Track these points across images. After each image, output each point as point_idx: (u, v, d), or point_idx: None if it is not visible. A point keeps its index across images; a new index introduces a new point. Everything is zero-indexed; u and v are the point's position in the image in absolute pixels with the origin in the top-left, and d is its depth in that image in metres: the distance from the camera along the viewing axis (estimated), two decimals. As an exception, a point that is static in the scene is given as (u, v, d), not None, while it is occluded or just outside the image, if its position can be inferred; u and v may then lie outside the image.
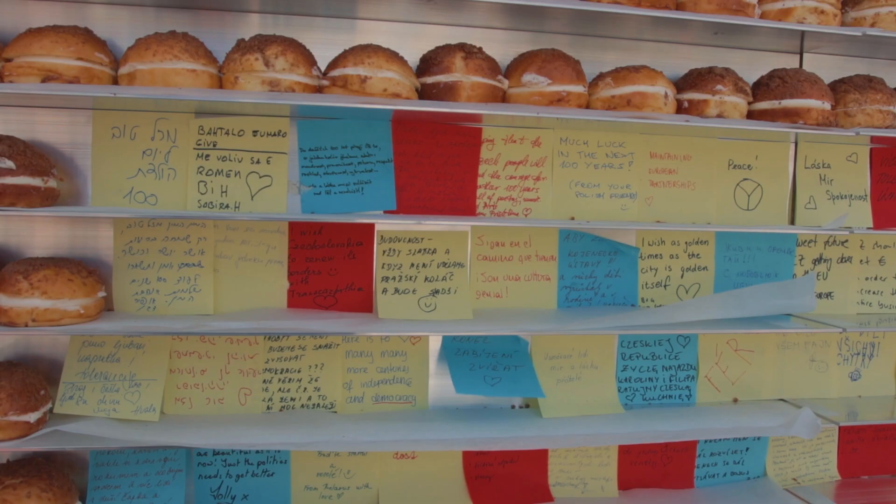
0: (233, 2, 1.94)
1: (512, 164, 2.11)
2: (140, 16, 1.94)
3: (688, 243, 2.23)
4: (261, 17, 2.01)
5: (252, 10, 1.99)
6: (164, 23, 1.94)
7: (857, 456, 2.42)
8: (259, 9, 1.99)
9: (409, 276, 2.05)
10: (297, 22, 2.02)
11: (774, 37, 2.16)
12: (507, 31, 2.12)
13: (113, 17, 1.93)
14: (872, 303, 2.39)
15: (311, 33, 2.01)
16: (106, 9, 1.93)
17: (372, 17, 2.05)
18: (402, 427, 2.00)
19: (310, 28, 2.02)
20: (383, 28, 2.05)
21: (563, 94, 1.91)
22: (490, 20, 2.05)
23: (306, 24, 2.02)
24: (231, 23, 1.99)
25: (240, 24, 1.99)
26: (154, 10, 1.95)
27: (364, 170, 2.03)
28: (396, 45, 1.97)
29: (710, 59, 2.25)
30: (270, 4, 1.96)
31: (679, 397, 2.27)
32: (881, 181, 2.35)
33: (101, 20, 1.91)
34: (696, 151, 2.22)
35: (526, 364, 2.13)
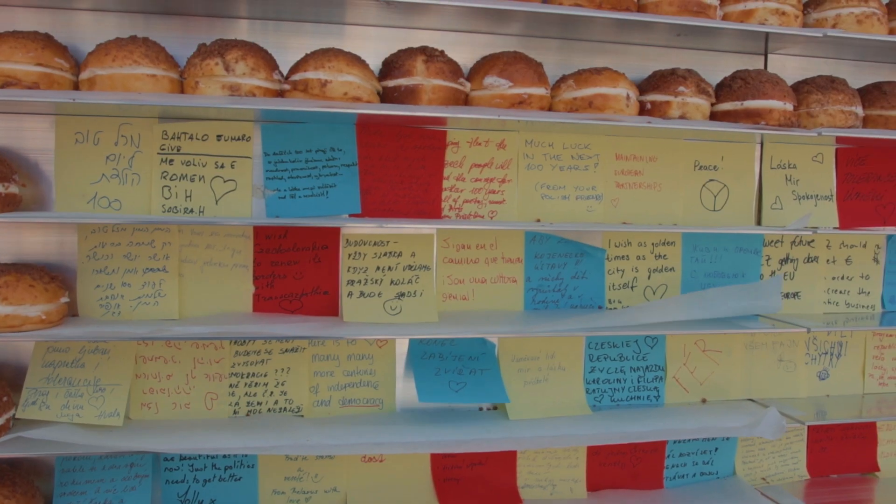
0: (222, 8, 1.95)
1: (477, 166, 2.12)
2: (129, 22, 1.95)
3: (654, 244, 2.24)
4: (249, 22, 2.02)
5: (241, 16, 2.00)
6: (152, 29, 1.95)
7: (826, 455, 2.43)
8: (248, 15, 2.00)
9: (375, 280, 2.05)
10: (287, 28, 2.03)
11: (739, 38, 2.17)
12: (487, 34, 2.14)
13: (101, 24, 1.94)
14: (839, 302, 2.40)
15: (301, 39, 2.02)
16: (93, 16, 1.94)
17: (360, 23, 2.06)
18: (369, 430, 2.00)
19: (299, 34, 2.03)
20: (372, 33, 2.07)
21: (525, 97, 1.92)
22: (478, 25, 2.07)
23: (295, 30, 2.04)
24: (220, 29, 2.00)
25: (229, 31, 2.00)
26: (143, 16, 1.96)
27: (329, 173, 2.04)
28: (385, 50, 1.99)
29: (677, 60, 2.26)
30: (259, 10, 1.97)
31: (647, 398, 2.27)
32: (847, 181, 2.37)
33: (89, 27, 1.93)
34: (661, 153, 2.22)
35: (492, 367, 2.13)
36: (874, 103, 2.20)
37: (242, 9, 1.95)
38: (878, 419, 2.40)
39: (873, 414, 2.34)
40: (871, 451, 2.47)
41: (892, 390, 2.48)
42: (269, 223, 1.95)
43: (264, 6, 1.93)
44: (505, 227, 2.08)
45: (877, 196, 2.39)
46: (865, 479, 2.45)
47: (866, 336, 2.44)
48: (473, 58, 2.07)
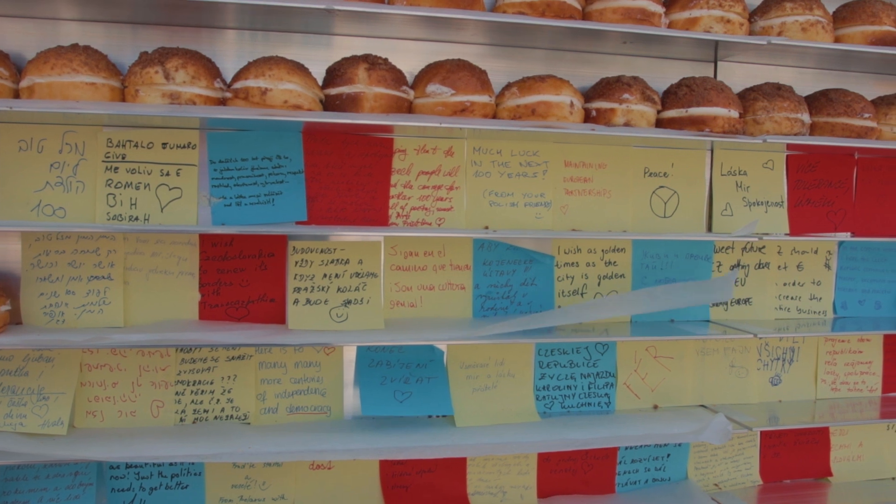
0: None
1: (425, 173, 2.12)
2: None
3: (604, 251, 2.25)
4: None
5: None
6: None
7: (779, 460, 2.44)
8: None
9: (322, 287, 2.05)
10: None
11: (688, 46, 2.18)
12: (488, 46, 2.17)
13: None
14: (791, 308, 2.41)
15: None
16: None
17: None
18: (316, 437, 2.00)
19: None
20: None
21: (468, 104, 1.92)
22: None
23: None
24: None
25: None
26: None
27: (275, 181, 2.04)
28: None
29: (630, 68, 2.27)
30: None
31: (598, 405, 2.28)
32: (798, 188, 2.38)
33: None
34: (611, 160, 2.23)
35: (440, 375, 2.13)
36: (821, 110, 2.21)
37: (230, 19, 1.96)
38: (830, 424, 2.40)
39: (826, 419, 2.34)
40: (824, 456, 2.48)
41: (845, 395, 2.49)
42: (214, 231, 1.94)
43: (252, 17, 1.93)
44: (453, 234, 2.09)
45: (828, 202, 2.40)
46: (818, 485, 2.46)
47: (818, 342, 2.44)
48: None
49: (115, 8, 1.86)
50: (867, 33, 2.17)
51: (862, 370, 2.49)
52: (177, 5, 1.80)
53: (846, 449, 2.50)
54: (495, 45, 2.17)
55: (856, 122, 2.18)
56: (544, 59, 2.22)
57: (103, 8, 1.86)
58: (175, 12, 1.90)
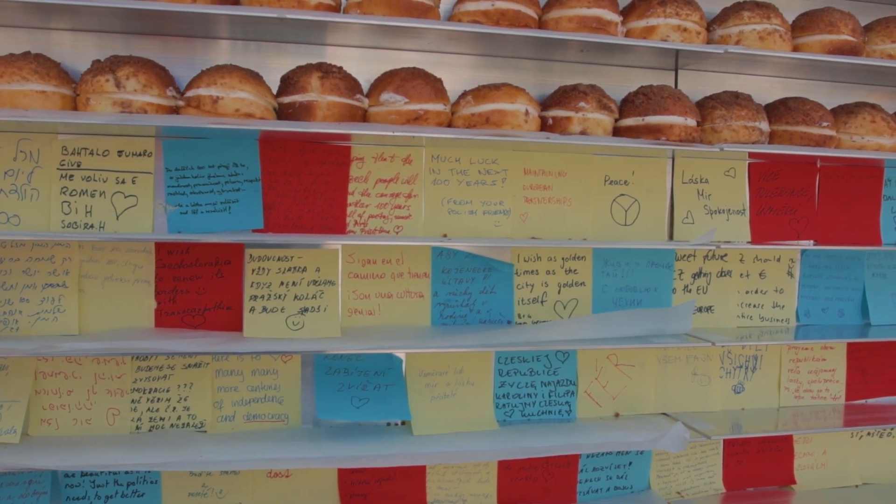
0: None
1: (382, 181, 2.12)
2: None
3: (564, 259, 2.25)
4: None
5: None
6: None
7: (742, 468, 2.44)
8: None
9: (279, 295, 2.05)
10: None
11: (649, 54, 2.18)
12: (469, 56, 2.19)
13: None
14: (753, 316, 2.41)
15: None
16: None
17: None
18: (273, 445, 2.00)
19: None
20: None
21: (421, 113, 1.92)
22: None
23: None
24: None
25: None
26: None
27: (231, 189, 2.04)
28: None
29: (592, 76, 2.27)
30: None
31: (559, 413, 2.27)
32: (760, 196, 2.38)
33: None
34: (571, 167, 2.23)
35: (398, 382, 2.13)
36: (780, 119, 2.21)
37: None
38: (791, 432, 2.40)
39: (789, 427, 2.34)
40: (788, 464, 2.48)
41: (808, 403, 2.49)
42: (170, 239, 1.94)
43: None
44: (410, 242, 2.09)
45: (790, 210, 2.40)
46: (782, 493, 2.45)
47: (781, 349, 2.44)
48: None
49: (105, 18, 1.86)
50: (825, 42, 2.18)
51: (825, 378, 2.49)
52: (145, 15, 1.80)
53: (810, 457, 2.49)
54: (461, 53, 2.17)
55: (814, 131, 2.18)
56: (505, 68, 2.22)
57: (94, 18, 1.87)
58: (165, 23, 1.90)
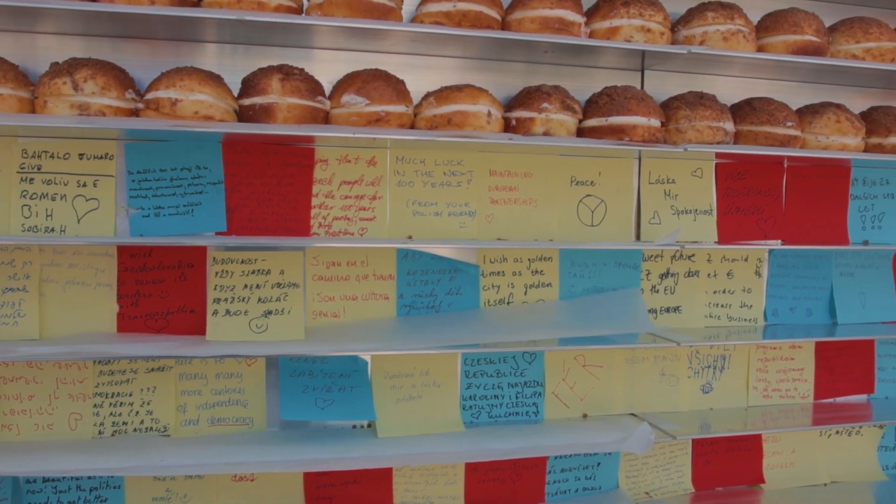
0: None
1: (347, 183, 2.11)
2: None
3: (531, 260, 2.25)
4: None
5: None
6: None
7: (711, 468, 2.44)
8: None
9: (242, 298, 2.04)
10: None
11: (616, 55, 2.18)
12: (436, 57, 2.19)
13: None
14: (721, 316, 2.42)
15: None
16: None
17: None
18: (237, 449, 1.99)
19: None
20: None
21: (382, 115, 1.91)
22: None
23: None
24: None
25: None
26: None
27: (194, 191, 2.03)
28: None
29: (558, 77, 2.27)
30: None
31: (526, 414, 2.27)
32: (727, 195, 2.38)
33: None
34: (537, 168, 2.23)
35: (363, 384, 2.12)
36: (744, 119, 2.22)
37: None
38: (761, 431, 2.40)
39: (758, 426, 2.35)
40: (757, 463, 2.48)
41: (777, 402, 2.49)
42: (133, 242, 1.94)
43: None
44: (375, 244, 2.08)
45: (757, 210, 2.41)
46: (751, 492, 2.46)
47: (750, 349, 2.45)
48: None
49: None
50: (789, 42, 2.18)
51: (794, 377, 2.49)
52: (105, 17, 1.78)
53: (779, 456, 2.50)
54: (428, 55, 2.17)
55: (779, 131, 2.19)
56: (472, 69, 2.22)
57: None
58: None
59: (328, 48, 2.11)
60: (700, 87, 2.35)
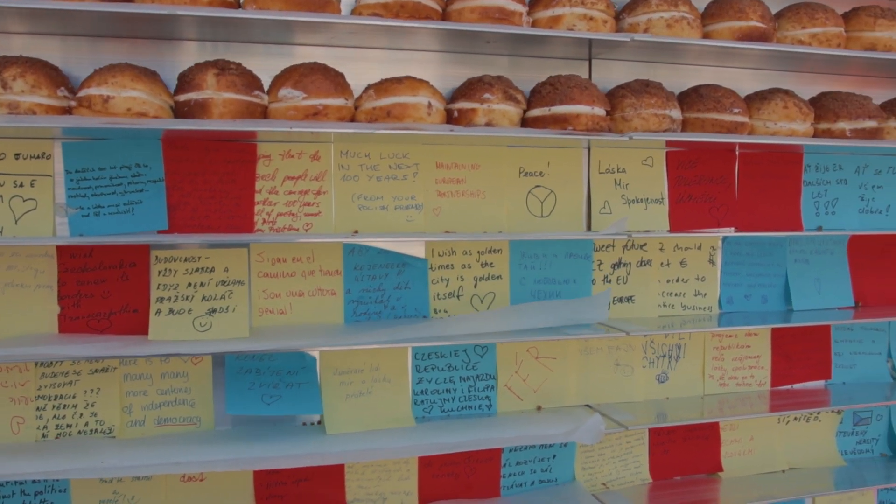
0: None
1: (290, 179, 2.09)
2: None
3: (480, 252, 2.23)
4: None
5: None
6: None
7: (668, 457, 2.43)
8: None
9: (186, 296, 2.02)
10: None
11: (561, 45, 2.16)
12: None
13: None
14: (675, 305, 2.41)
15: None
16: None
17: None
18: (183, 449, 1.97)
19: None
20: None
21: (320, 108, 1.90)
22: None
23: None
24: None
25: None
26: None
27: (134, 190, 2.00)
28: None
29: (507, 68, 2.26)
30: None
31: (479, 407, 2.26)
32: (679, 184, 2.37)
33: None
34: (484, 160, 2.22)
35: (311, 381, 2.11)
36: (692, 106, 2.21)
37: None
38: (718, 419, 2.40)
39: (715, 414, 2.34)
40: (715, 451, 2.48)
41: (734, 390, 2.49)
42: (72, 242, 1.91)
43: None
44: (319, 239, 2.07)
45: (710, 198, 2.40)
46: (709, 480, 2.45)
47: (705, 337, 2.44)
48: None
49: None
50: (734, 29, 2.17)
51: (750, 364, 2.49)
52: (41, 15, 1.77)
53: (737, 444, 2.50)
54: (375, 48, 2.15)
55: (726, 118, 2.18)
56: (416, 61, 2.20)
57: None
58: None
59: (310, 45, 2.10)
60: (649, 75, 2.34)
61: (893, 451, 2.66)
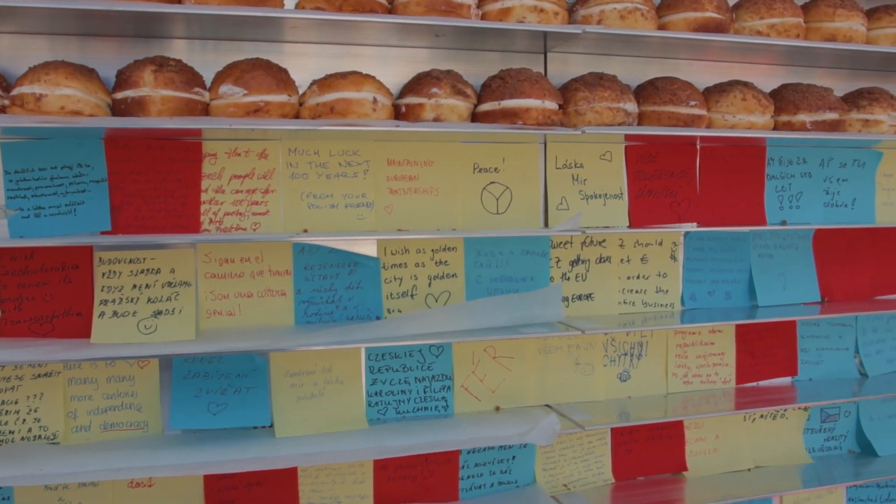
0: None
1: (237, 177, 2.05)
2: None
3: (434, 251, 2.19)
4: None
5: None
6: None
7: (631, 457, 2.39)
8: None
9: (131, 298, 1.98)
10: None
11: (515, 38, 2.13)
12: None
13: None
14: (636, 302, 2.37)
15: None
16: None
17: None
18: (129, 455, 1.93)
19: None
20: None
21: (261, 105, 1.85)
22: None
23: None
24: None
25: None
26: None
27: (76, 190, 1.96)
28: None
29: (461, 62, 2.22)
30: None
31: (435, 409, 2.22)
32: (638, 179, 2.33)
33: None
34: (437, 157, 2.18)
35: (261, 384, 2.07)
36: (647, 99, 2.17)
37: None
38: (682, 417, 2.36)
39: (679, 413, 2.31)
40: (679, 450, 2.44)
41: (698, 388, 2.45)
42: (12, 244, 1.88)
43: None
44: (267, 239, 2.02)
45: (671, 193, 2.36)
46: (674, 480, 2.41)
47: (668, 335, 2.40)
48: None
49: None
50: (689, 20, 2.14)
51: (714, 362, 2.45)
52: None
53: (702, 442, 2.46)
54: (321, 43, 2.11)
55: (682, 111, 2.14)
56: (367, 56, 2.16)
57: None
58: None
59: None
60: (607, 68, 2.30)
61: (862, 448, 2.62)
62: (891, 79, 2.59)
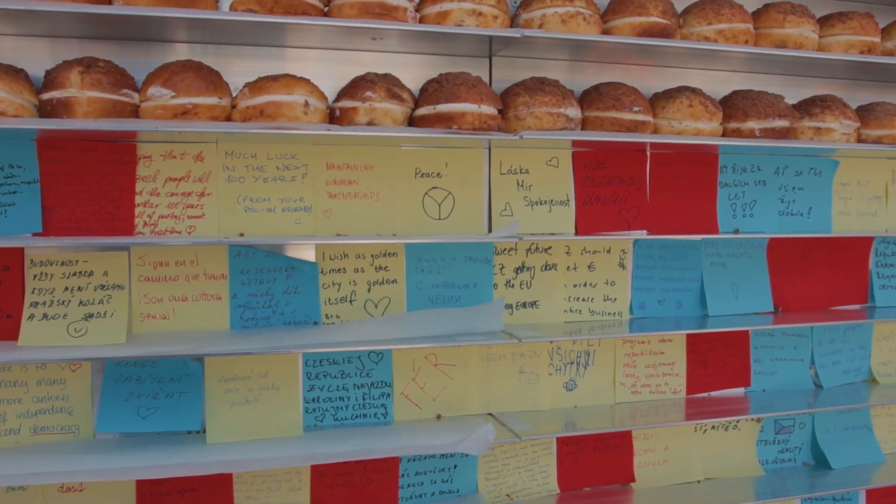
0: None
1: (173, 180, 2.03)
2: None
3: (374, 256, 2.17)
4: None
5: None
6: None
7: (577, 468, 2.36)
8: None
9: (63, 301, 1.96)
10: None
11: (458, 42, 2.10)
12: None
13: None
14: (582, 310, 2.34)
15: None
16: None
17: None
18: (61, 458, 1.91)
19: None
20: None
21: (189, 107, 1.84)
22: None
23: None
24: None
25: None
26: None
27: (7, 191, 1.95)
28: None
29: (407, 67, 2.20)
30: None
31: (374, 416, 2.19)
32: (586, 185, 2.30)
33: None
34: (378, 161, 2.15)
35: (194, 389, 2.04)
36: (591, 105, 2.14)
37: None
38: (629, 428, 2.33)
39: (626, 423, 2.27)
40: (627, 461, 2.40)
41: (647, 398, 2.41)
42: (-58, 246, 1.86)
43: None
44: (200, 241, 2.00)
45: (619, 200, 2.33)
46: (622, 491, 2.38)
47: (616, 344, 2.37)
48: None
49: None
50: (634, 24, 2.11)
51: (664, 372, 2.41)
52: None
53: (651, 453, 2.42)
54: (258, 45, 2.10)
55: (625, 116, 2.11)
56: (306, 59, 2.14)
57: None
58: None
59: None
60: (554, 73, 2.27)
61: (817, 461, 2.58)
62: (847, 87, 2.56)
